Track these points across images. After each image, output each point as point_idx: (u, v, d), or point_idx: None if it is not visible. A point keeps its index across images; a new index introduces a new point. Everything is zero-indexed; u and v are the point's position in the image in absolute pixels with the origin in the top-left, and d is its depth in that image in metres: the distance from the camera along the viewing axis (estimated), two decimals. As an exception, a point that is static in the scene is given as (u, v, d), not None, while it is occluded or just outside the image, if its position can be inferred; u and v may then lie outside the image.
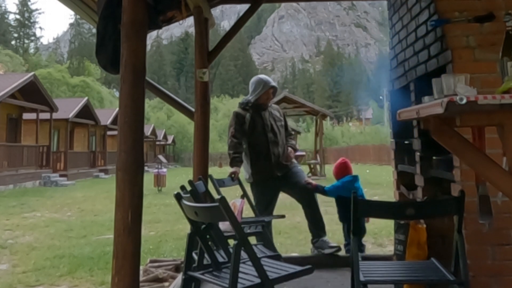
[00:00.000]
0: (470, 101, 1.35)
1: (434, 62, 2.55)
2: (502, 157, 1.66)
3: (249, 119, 3.80)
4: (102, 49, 2.58)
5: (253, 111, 3.84)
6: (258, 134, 3.79)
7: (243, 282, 1.90)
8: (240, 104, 3.95)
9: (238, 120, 3.82)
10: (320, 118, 19.34)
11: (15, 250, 5.79)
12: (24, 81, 17.92)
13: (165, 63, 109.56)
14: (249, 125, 3.79)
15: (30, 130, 19.22)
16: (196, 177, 3.56)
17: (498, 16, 2.26)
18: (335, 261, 3.61)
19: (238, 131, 3.80)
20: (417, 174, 2.88)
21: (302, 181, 3.82)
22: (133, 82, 2.23)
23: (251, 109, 3.85)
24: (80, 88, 47.37)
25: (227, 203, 1.82)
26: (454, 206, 1.93)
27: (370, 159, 32.78)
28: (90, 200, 12.01)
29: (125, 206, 2.14)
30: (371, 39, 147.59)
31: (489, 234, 2.17)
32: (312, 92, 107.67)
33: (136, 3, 2.26)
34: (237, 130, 3.80)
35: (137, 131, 2.22)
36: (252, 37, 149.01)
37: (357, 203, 1.95)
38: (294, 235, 6.00)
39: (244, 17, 4.30)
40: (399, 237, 2.69)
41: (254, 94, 3.86)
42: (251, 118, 3.81)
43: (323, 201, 3.95)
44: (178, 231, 6.73)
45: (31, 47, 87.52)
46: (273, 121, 3.87)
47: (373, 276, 1.99)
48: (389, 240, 5.41)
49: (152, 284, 3.77)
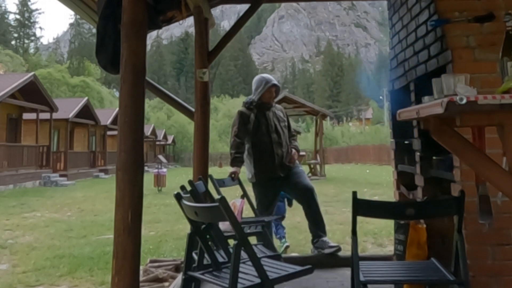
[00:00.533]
0: (470, 101, 1.35)
1: (434, 62, 2.55)
2: (502, 157, 1.66)
3: (254, 119, 3.80)
4: (102, 49, 2.58)
5: (258, 110, 3.84)
6: (262, 134, 3.79)
7: (243, 282, 1.90)
8: (245, 104, 3.95)
9: (242, 120, 3.82)
10: (320, 118, 19.34)
11: (15, 250, 5.79)
12: (24, 81, 17.92)
13: (165, 63, 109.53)
14: (253, 125, 3.79)
15: (30, 130, 19.22)
16: (196, 177, 3.56)
17: (498, 16, 2.26)
18: (335, 261, 3.61)
19: (241, 130, 3.80)
20: (417, 174, 2.88)
21: (303, 181, 3.81)
22: (133, 82, 2.23)
23: (255, 108, 3.85)
24: (80, 88, 47.38)
25: (227, 203, 1.82)
26: (454, 206, 1.93)
27: (370, 159, 32.78)
28: (90, 200, 12.01)
29: (125, 206, 2.14)
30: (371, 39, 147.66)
31: (489, 234, 2.17)
32: (312, 92, 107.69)
33: (136, 3, 2.26)
34: (240, 129, 3.80)
35: (137, 131, 2.22)
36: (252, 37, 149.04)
37: (357, 203, 1.95)
38: (294, 235, 5.99)
39: (244, 17, 4.30)
40: (399, 237, 2.69)
41: (256, 93, 3.87)
42: (256, 118, 3.81)
43: (323, 201, 3.97)
44: (178, 231, 6.73)
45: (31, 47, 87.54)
46: (277, 121, 3.87)
47: (373, 276, 1.99)
48: (389, 240, 5.40)
49: (152, 284, 3.77)
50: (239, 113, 3.89)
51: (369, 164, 30.78)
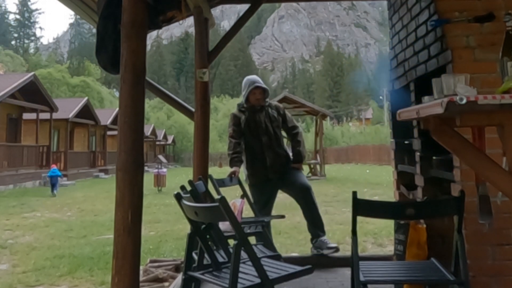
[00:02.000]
0: (470, 101, 1.35)
1: (434, 62, 2.55)
2: (502, 157, 1.66)
3: (244, 121, 3.80)
4: (102, 49, 2.58)
5: (249, 113, 3.83)
6: (252, 137, 3.80)
7: (243, 282, 1.90)
8: (238, 106, 3.96)
9: (235, 121, 3.84)
10: (320, 118, 19.35)
11: (15, 250, 5.79)
12: (24, 81, 17.93)
13: (165, 63, 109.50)
14: (244, 128, 3.80)
15: (30, 130, 19.23)
16: (196, 177, 3.56)
17: (498, 16, 2.26)
18: (335, 261, 3.61)
19: (236, 131, 3.81)
20: (417, 174, 2.88)
21: (300, 180, 3.79)
22: (133, 82, 2.23)
23: (246, 111, 3.84)
24: (80, 88, 47.41)
25: (227, 203, 1.81)
26: (454, 206, 1.92)
27: (370, 159, 32.78)
28: (90, 200, 12.01)
29: (125, 206, 2.14)
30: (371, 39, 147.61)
31: (489, 234, 2.17)
32: (312, 92, 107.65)
33: (136, 3, 2.26)
34: (235, 130, 3.81)
35: (137, 131, 2.22)
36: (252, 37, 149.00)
37: (357, 203, 1.95)
38: (294, 235, 6.00)
39: (244, 17, 4.30)
40: (399, 237, 2.69)
41: (243, 94, 3.87)
42: (246, 120, 3.80)
43: (323, 201, 3.97)
44: (178, 231, 6.73)
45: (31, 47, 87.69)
46: (269, 122, 3.82)
47: (373, 276, 1.99)
48: (389, 240, 5.41)
49: (152, 284, 3.77)
50: (232, 115, 3.91)
51: (369, 164, 30.78)
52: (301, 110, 19.47)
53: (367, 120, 74.94)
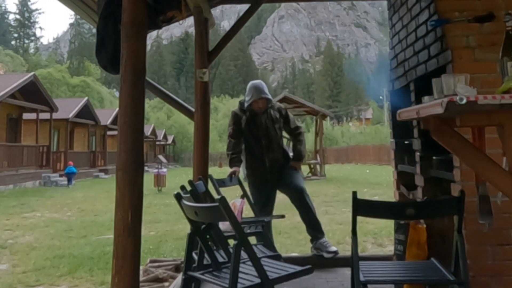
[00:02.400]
0: (470, 101, 1.35)
1: (434, 62, 2.55)
2: (502, 157, 1.66)
3: (245, 122, 3.79)
4: (102, 49, 2.58)
5: (250, 114, 3.82)
6: (252, 138, 3.79)
7: (243, 282, 1.90)
8: (239, 104, 3.94)
9: (236, 121, 3.83)
10: (320, 118, 19.36)
11: (15, 250, 5.79)
12: (24, 81, 17.93)
13: (165, 63, 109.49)
14: (244, 128, 3.79)
15: (30, 130, 19.23)
16: (196, 177, 3.56)
17: (498, 16, 2.27)
18: (335, 261, 3.60)
19: (235, 131, 3.81)
20: (417, 174, 2.88)
21: (294, 182, 3.76)
22: (133, 82, 2.23)
23: (248, 111, 3.84)
24: (80, 88, 47.44)
25: (227, 203, 1.81)
26: (454, 206, 1.92)
27: (370, 159, 32.78)
28: (90, 200, 12.01)
29: (125, 206, 2.14)
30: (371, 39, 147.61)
31: (489, 234, 2.17)
32: (312, 92, 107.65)
33: (136, 3, 2.26)
34: (235, 130, 3.81)
35: (137, 131, 2.22)
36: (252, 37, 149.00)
37: (357, 203, 1.95)
38: (294, 235, 6.00)
39: (244, 17, 4.30)
40: (399, 237, 2.69)
41: (247, 99, 3.83)
42: (247, 121, 3.79)
43: (323, 201, 3.98)
44: (178, 231, 6.73)
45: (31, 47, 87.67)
46: (270, 124, 3.81)
47: (373, 276, 1.99)
48: (389, 240, 5.41)
49: (152, 284, 3.77)
50: (233, 113, 3.90)
51: (369, 164, 30.78)
52: (301, 110, 19.47)
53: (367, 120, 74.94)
